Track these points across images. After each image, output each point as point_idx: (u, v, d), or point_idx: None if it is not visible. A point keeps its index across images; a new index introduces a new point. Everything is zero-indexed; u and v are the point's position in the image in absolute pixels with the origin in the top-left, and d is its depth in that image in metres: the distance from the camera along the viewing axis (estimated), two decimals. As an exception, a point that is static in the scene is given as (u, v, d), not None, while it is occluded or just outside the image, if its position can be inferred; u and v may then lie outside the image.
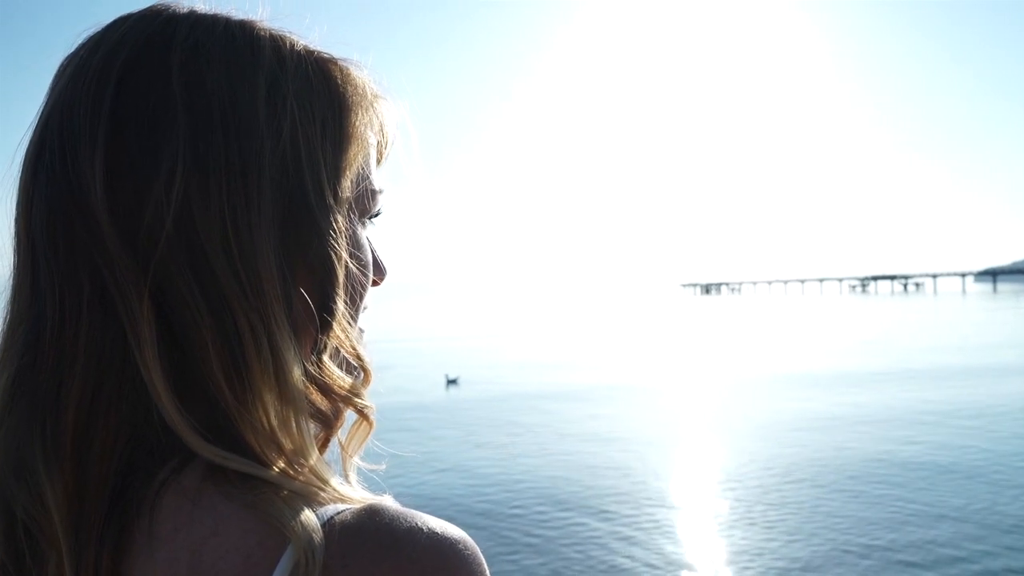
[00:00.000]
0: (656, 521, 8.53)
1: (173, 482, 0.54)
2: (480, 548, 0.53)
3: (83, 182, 0.56)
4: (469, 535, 0.55)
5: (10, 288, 0.60)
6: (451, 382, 20.50)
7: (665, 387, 18.80)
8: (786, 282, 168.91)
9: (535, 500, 9.32)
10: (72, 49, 0.61)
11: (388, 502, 0.56)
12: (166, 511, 0.53)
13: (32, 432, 0.55)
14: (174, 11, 0.61)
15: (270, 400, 0.55)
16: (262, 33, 0.62)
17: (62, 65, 0.61)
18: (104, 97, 0.57)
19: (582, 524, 8.45)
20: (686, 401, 16.70)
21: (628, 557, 7.49)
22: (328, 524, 0.52)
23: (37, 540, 0.54)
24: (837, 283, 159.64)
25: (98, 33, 0.61)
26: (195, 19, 0.61)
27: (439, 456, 11.81)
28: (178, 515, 0.53)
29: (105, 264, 0.55)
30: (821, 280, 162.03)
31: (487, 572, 0.54)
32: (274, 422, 0.56)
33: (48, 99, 0.60)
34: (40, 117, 0.60)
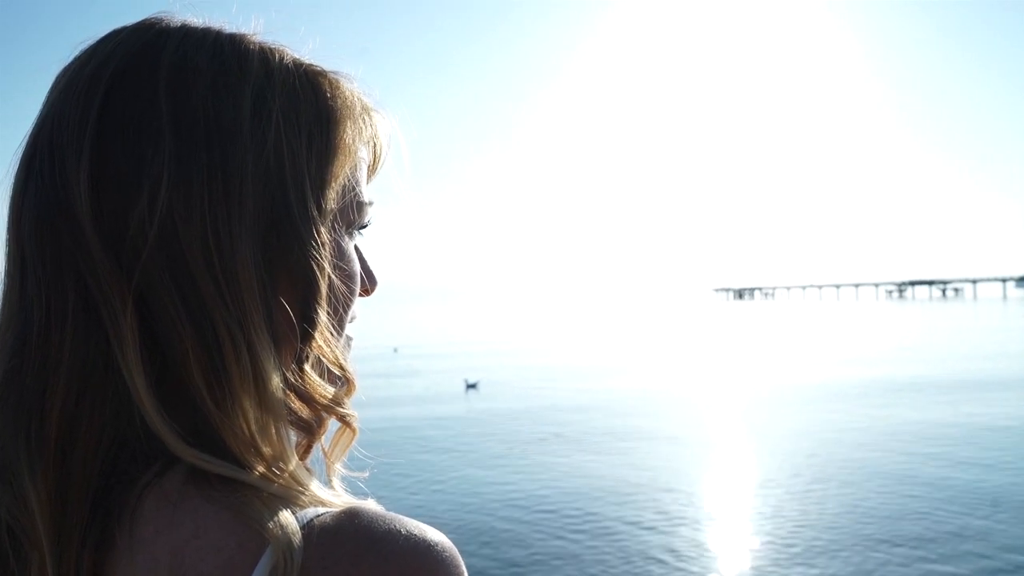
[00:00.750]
0: (685, 536, 8.30)
1: (155, 485, 0.55)
2: (470, 552, 0.57)
3: (69, 191, 0.57)
4: (450, 539, 0.55)
5: (1, 293, 0.61)
6: (471, 386, 20.37)
7: (694, 397, 18.28)
8: (821, 287, 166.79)
9: (549, 512, 9.14)
10: (68, 61, 0.63)
11: (370, 505, 0.56)
12: (148, 514, 0.54)
13: (17, 435, 0.56)
14: (166, 24, 0.63)
15: (249, 407, 0.57)
16: (251, 47, 0.63)
17: (57, 77, 0.63)
18: (92, 108, 0.58)
19: (609, 534, 8.29)
20: (715, 412, 16.20)
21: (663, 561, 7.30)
22: (307, 526, 0.53)
23: (20, 541, 0.55)
24: (873, 288, 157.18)
25: (92, 45, 0.62)
26: (185, 32, 0.62)
27: (450, 464, 11.67)
28: (159, 518, 0.54)
29: (90, 272, 0.57)
30: (857, 285, 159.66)
31: (465, 574, 0.55)
32: (254, 428, 0.57)
33: (42, 109, 0.62)
34: (34, 127, 0.62)
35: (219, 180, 0.58)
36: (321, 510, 0.55)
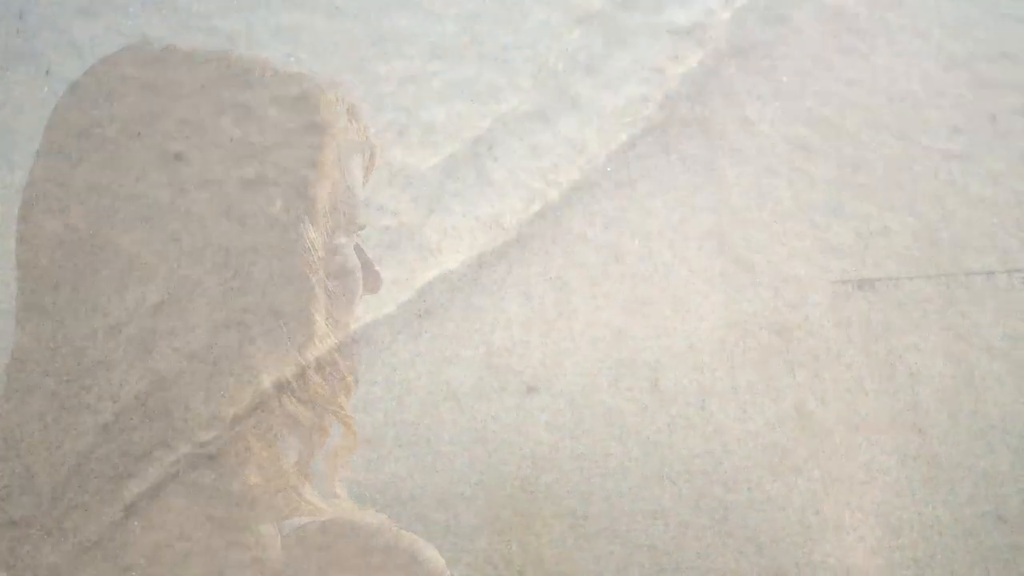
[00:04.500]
0: None
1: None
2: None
3: None
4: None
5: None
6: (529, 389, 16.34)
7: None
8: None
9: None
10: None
11: (363, 516, 0.59)
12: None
13: None
14: (149, 49, 0.67)
15: (246, 411, 0.59)
16: (233, 62, 0.66)
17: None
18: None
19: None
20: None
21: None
22: (288, 536, 0.56)
23: None
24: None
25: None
26: (170, 53, 0.66)
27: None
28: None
29: None
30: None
31: None
32: (251, 434, 0.59)
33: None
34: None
35: None
36: (307, 519, 0.57)
